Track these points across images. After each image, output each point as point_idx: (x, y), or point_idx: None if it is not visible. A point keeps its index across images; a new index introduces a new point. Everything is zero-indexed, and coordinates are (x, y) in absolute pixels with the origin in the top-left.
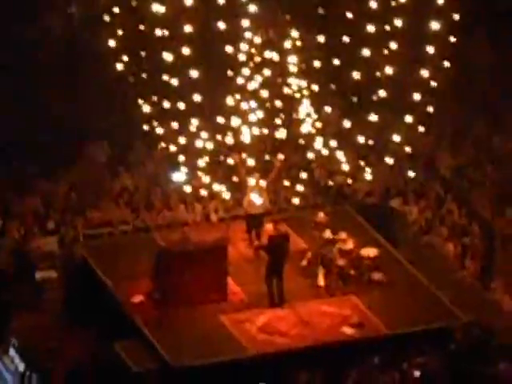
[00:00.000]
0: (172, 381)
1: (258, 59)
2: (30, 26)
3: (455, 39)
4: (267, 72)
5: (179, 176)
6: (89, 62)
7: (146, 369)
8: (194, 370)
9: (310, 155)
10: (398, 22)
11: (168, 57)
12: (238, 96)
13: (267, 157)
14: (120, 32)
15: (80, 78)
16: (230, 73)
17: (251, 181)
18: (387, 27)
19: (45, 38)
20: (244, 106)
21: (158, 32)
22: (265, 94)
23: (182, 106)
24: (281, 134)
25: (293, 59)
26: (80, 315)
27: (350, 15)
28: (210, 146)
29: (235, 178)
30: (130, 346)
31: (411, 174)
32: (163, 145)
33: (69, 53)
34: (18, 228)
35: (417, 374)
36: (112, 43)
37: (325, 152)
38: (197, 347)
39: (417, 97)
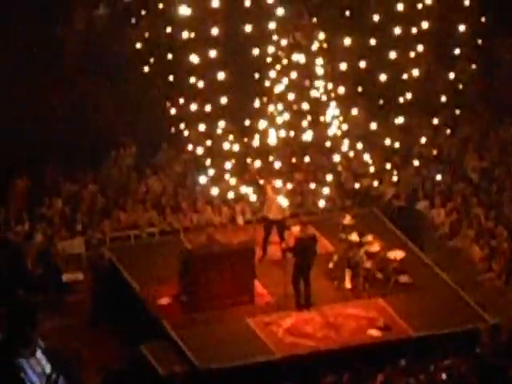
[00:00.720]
0: (199, 383)
1: (284, 62)
2: (58, 27)
3: (481, 41)
4: (294, 74)
5: (206, 178)
6: (116, 64)
7: (173, 371)
8: (221, 372)
9: (337, 158)
10: (425, 25)
11: (195, 59)
12: (264, 98)
13: (293, 159)
14: (147, 34)
15: (107, 80)
16: (256, 75)
17: (277, 183)
18: (414, 29)
19: (72, 39)
20: (271, 108)
21: (185, 34)
22: (291, 96)
23: (208, 108)
24: (307, 136)
25: (319, 61)
26: (107, 317)
27: (376, 17)
28: (236, 148)
29: (261, 181)
30: (156, 349)
31: (438, 176)
32: (190, 147)
33: (96, 55)
34: (45, 230)
35: (443, 376)
36: (139, 45)
37: (351, 154)
38: (223, 350)
39: (443, 99)
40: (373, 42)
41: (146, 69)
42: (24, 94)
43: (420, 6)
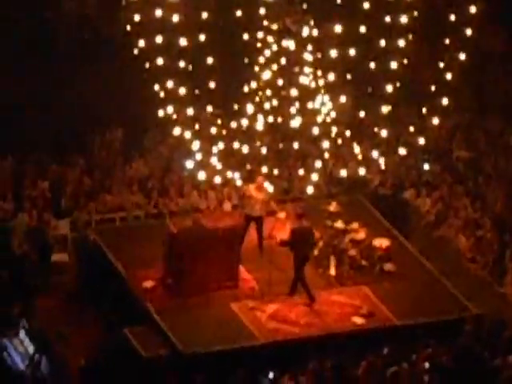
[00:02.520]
0: (182, 367)
1: (274, 47)
2: (46, 10)
3: (471, 31)
4: (283, 60)
5: (193, 162)
6: (104, 46)
7: (156, 355)
8: (204, 356)
9: (324, 145)
10: (415, 13)
11: (184, 42)
12: (253, 84)
13: (281, 145)
14: (137, 17)
15: (95, 63)
16: (245, 60)
17: (263, 169)
18: (403, 18)
19: (59, 22)
20: (259, 93)
21: (175, 18)
22: (280, 82)
23: (197, 92)
24: (295, 122)
25: (309, 48)
26: (91, 300)
27: (366, 5)
28: (224, 132)
29: (248, 166)
30: (140, 332)
31: (424, 165)
32: (178, 131)
33: (83, 38)
34: (30, 211)
35: (426, 365)
36: (128, 28)
37: (339, 142)
38: (207, 334)
39: (432, 88)
40: (362, 29)
41: (136, 52)
42: (11, 79)
43: None
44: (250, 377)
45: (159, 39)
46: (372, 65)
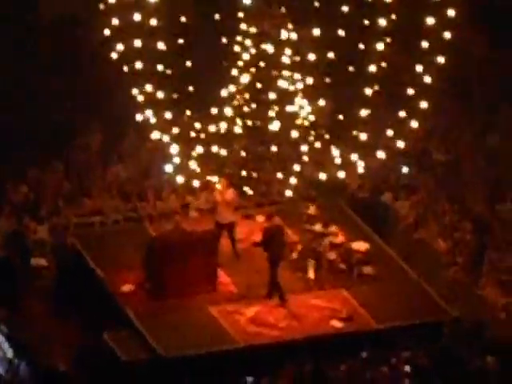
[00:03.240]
0: (161, 371)
1: (252, 51)
2: (26, 13)
3: (450, 35)
4: (261, 64)
5: (171, 166)
6: (83, 50)
7: (135, 358)
8: (183, 360)
9: (303, 148)
10: (393, 16)
11: (162, 46)
12: (231, 87)
13: (260, 149)
14: (115, 21)
15: (74, 65)
16: (224, 64)
17: (243, 173)
18: (382, 21)
19: (38, 23)
20: (237, 97)
21: (153, 21)
22: (258, 85)
23: (175, 96)
24: (274, 126)
25: (287, 52)
26: (70, 304)
27: (345, 9)
28: (202, 136)
29: (227, 170)
30: (119, 336)
31: (403, 168)
32: (156, 135)
33: (63, 40)
34: (9, 215)
35: (406, 368)
36: (107, 32)
37: (317, 145)
38: (186, 337)
39: (410, 91)
40: (341, 33)
41: (114, 55)
42: None
43: None
44: (231, 381)
45: (138, 43)
46: (351, 68)
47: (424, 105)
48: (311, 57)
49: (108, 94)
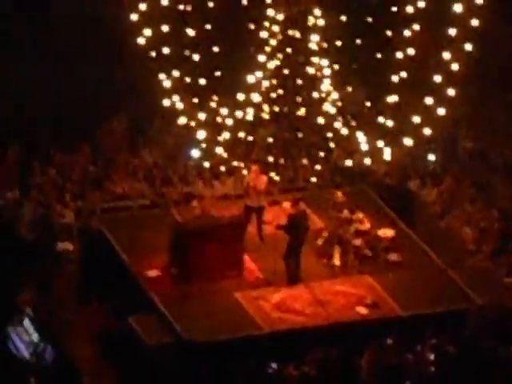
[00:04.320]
0: (185, 355)
1: (280, 37)
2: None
3: (478, 22)
4: (289, 50)
5: (198, 152)
6: (111, 35)
7: (160, 343)
8: (208, 345)
9: (330, 134)
10: (421, 4)
11: (190, 32)
12: (259, 73)
13: (286, 135)
14: (142, 6)
15: (102, 51)
16: (251, 50)
17: (269, 159)
18: (410, 8)
19: (65, 11)
20: (265, 83)
21: (181, 7)
22: (285, 71)
23: (202, 81)
24: (301, 112)
25: (315, 38)
26: (96, 288)
27: None
28: (229, 122)
29: (254, 155)
30: (144, 320)
31: (430, 156)
32: (183, 120)
33: (92, 26)
34: (37, 199)
35: (431, 356)
36: (134, 17)
37: (344, 131)
38: (211, 323)
39: (438, 79)
40: (369, 19)
41: (141, 40)
42: (16, 66)
43: None
44: (255, 367)
45: (165, 28)
46: (378, 55)
47: (451, 92)
48: (338, 43)
49: (135, 78)
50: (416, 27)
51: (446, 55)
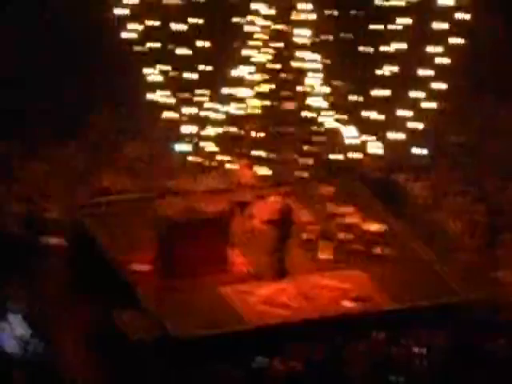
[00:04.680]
0: (171, 350)
1: (267, 31)
2: None
3: (468, 15)
4: (277, 44)
5: (184, 146)
6: (97, 29)
7: (145, 338)
8: (194, 340)
9: (318, 128)
10: None
11: (176, 26)
12: (246, 67)
13: (274, 129)
14: (130, 1)
15: (87, 45)
16: (239, 44)
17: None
18: (399, 1)
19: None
20: (252, 77)
21: (166, 1)
22: (273, 66)
23: (188, 75)
24: (288, 106)
25: (303, 32)
26: (82, 283)
27: None
28: (216, 116)
29: (241, 150)
30: (130, 315)
31: (418, 149)
32: (169, 114)
33: (75, 19)
34: (22, 193)
35: (418, 350)
36: (119, 11)
37: (333, 125)
38: (197, 317)
39: (427, 73)
40: (357, 13)
41: (125, 35)
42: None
43: None
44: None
45: (150, 22)
46: (366, 48)
47: (440, 86)
48: (326, 37)
49: (121, 72)
50: (404, 21)
51: (435, 49)
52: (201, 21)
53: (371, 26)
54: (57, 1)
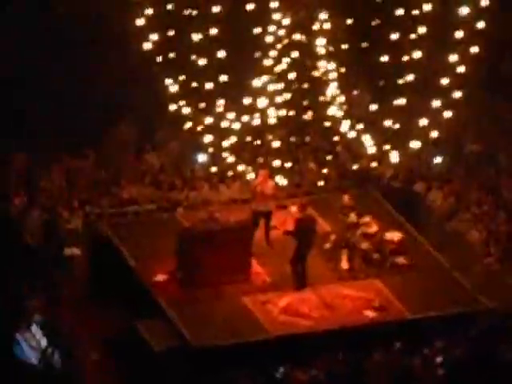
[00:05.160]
0: (193, 360)
1: (285, 41)
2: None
3: (484, 24)
4: (295, 54)
5: (205, 156)
6: (118, 40)
7: (167, 348)
8: (215, 350)
9: (336, 138)
10: (427, 7)
11: (196, 37)
12: (265, 77)
13: (293, 139)
14: (149, 11)
15: (110, 55)
16: (257, 54)
17: (276, 162)
18: (416, 11)
19: (71, 13)
20: (271, 87)
21: (187, 11)
22: (292, 75)
23: (209, 86)
24: (307, 116)
25: (321, 41)
26: (103, 293)
27: None
28: (236, 126)
29: (260, 160)
30: (152, 325)
31: (437, 158)
32: (190, 125)
33: (97, 30)
34: (45, 203)
35: (439, 359)
36: (140, 22)
37: (351, 135)
38: (218, 327)
39: (444, 81)
40: (375, 22)
41: (147, 46)
42: (23, 67)
43: None
44: (263, 371)
45: (171, 33)
46: (384, 58)
47: (458, 94)
48: (344, 46)
49: (142, 83)
50: (422, 30)
51: (453, 57)
52: (220, 31)
53: (389, 35)
54: (67, 9)
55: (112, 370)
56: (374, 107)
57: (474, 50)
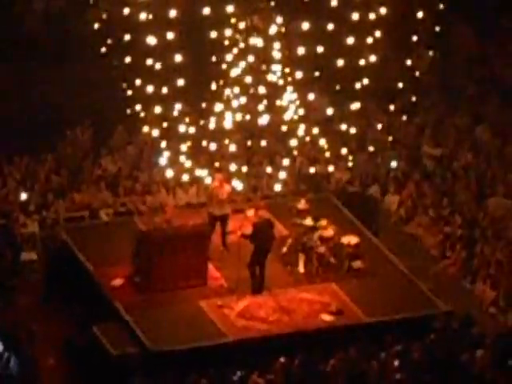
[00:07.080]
0: (150, 364)
1: (242, 45)
2: (15, 5)
3: (439, 28)
4: (251, 58)
5: (161, 160)
6: (73, 43)
7: (125, 352)
8: (172, 354)
9: (293, 142)
10: (383, 10)
11: (152, 41)
12: (221, 82)
13: (249, 143)
14: (104, 15)
15: (65, 59)
16: (213, 58)
17: (232, 166)
18: (371, 15)
19: (28, 16)
20: (227, 91)
21: (143, 16)
22: (248, 80)
23: (165, 90)
24: (263, 120)
25: (277, 46)
26: (60, 298)
27: (334, 2)
28: (192, 130)
29: (217, 164)
30: (109, 330)
31: (393, 162)
32: (146, 129)
33: (54, 34)
34: (0, 208)
35: (396, 363)
36: (96, 26)
37: (307, 139)
38: (175, 332)
39: (400, 85)
40: (330, 27)
41: (103, 49)
42: None
43: None
44: (220, 375)
45: (127, 37)
46: (340, 62)
47: (414, 98)
48: (300, 51)
49: (98, 87)
50: (377, 34)
51: (408, 62)
52: (176, 35)
53: (345, 39)
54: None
55: (69, 375)
56: (330, 111)
57: (430, 53)
